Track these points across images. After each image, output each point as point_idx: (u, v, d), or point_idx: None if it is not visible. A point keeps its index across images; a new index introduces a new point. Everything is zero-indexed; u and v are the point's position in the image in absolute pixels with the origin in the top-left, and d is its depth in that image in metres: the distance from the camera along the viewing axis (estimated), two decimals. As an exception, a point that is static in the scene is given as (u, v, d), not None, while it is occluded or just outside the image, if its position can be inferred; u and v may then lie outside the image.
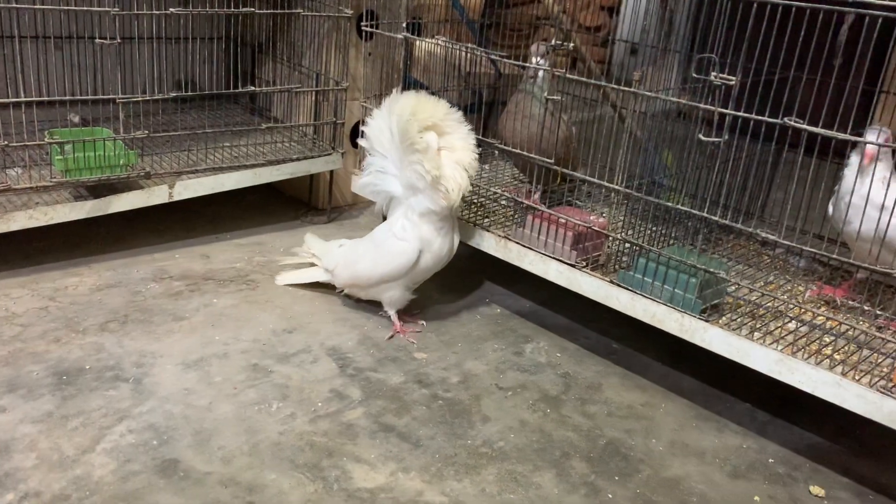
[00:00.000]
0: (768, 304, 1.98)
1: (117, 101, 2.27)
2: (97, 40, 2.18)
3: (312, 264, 2.41)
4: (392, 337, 2.16)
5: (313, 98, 2.80)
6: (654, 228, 2.20)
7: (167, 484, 1.54)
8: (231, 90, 2.61)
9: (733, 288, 2.01)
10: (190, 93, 2.59)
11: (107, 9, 2.18)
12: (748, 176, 2.31)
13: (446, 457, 1.70)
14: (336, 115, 2.77)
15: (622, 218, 2.42)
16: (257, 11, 2.55)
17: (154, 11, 2.29)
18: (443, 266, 2.20)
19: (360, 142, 2.23)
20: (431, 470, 1.66)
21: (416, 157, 2.01)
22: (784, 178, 2.21)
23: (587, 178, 2.18)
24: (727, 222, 1.85)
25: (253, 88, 2.62)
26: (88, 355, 1.93)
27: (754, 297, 2.01)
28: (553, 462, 1.73)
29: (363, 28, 2.63)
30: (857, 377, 1.66)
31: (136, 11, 2.27)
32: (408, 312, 2.26)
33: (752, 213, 2.55)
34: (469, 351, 2.15)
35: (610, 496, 1.64)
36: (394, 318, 2.20)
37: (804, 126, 1.61)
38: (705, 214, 1.88)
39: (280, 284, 2.39)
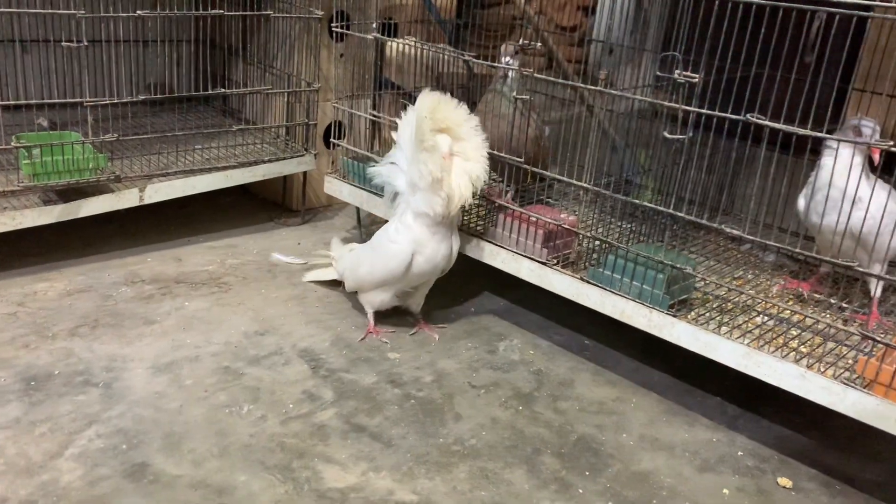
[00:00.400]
0: (737, 299, 2.01)
1: (85, 104, 2.26)
2: (64, 43, 2.17)
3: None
4: (364, 338, 2.17)
5: (285, 99, 2.79)
6: (624, 226, 2.23)
7: (136, 488, 1.53)
8: (202, 92, 2.59)
9: (702, 283, 2.04)
10: (159, 95, 2.57)
11: (73, 11, 2.16)
12: (717, 172, 2.34)
13: (418, 455, 1.71)
14: (308, 117, 2.77)
15: (594, 216, 2.45)
16: (226, 13, 2.54)
17: (121, 14, 2.27)
18: (441, 273, 2.18)
19: (393, 134, 2.21)
20: (403, 469, 1.66)
21: (424, 156, 1.99)
22: (753, 175, 2.23)
23: (556, 176, 2.19)
24: (692, 218, 1.87)
25: (223, 90, 2.61)
26: (58, 360, 1.92)
27: (723, 292, 2.03)
28: (524, 458, 1.74)
29: (334, 29, 2.63)
30: (821, 369, 1.69)
31: (102, 14, 2.25)
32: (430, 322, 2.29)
33: (722, 210, 2.58)
34: (442, 350, 2.16)
35: (580, 491, 1.65)
36: (369, 317, 2.20)
37: (766, 122, 1.63)
38: (671, 211, 1.90)
39: (305, 281, 2.46)
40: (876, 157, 1.78)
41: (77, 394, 1.80)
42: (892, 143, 1.56)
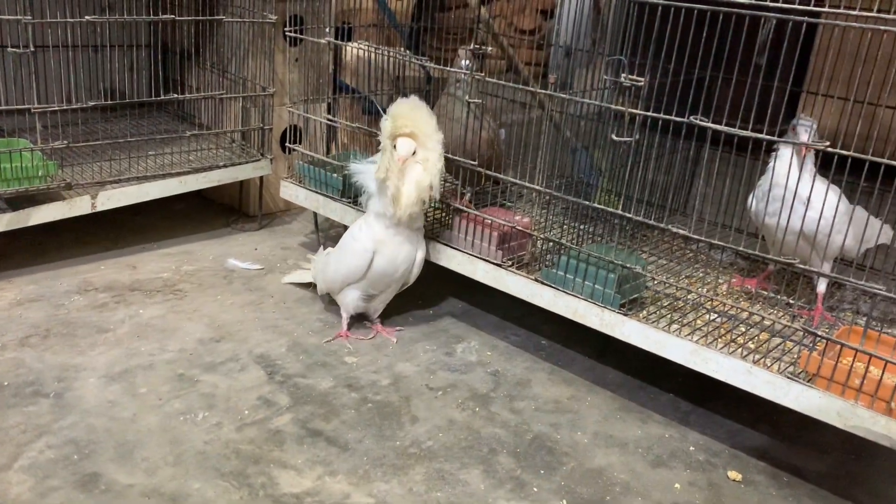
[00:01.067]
0: (687, 297, 2.05)
1: (33, 110, 2.23)
2: (10, 49, 2.14)
3: None
4: (333, 340, 2.17)
5: (241, 104, 2.78)
6: (579, 227, 2.26)
7: (87, 498, 1.51)
8: (155, 98, 2.57)
9: (654, 282, 2.08)
10: (111, 101, 2.54)
11: (19, 17, 2.13)
12: (672, 174, 2.38)
13: (374, 458, 1.71)
14: (264, 121, 2.76)
15: (551, 217, 2.48)
16: (177, 18, 2.53)
17: (69, 19, 2.25)
18: (405, 278, 2.19)
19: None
20: (359, 472, 1.67)
21: (379, 156, 2.05)
22: (710, 176, 2.28)
23: (508, 178, 2.22)
24: (640, 219, 1.91)
25: (176, 96, 2.59)
26: (7, 371, 1.89)
27: (674, 291, 2.07)
28: (481, 459, 1.75)
29: (287, 34, 2.62)
30: (767, 364, 1.74)
31: (49, 20, 2.22)
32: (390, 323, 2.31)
33: (677, 210, 2.64)
34: (400, 353, 2.17)
35: (535, 490, 1.67)
36: (343, 321, 2.21)
37: (708, 124, 1.68)
38: (619, 212, 1.94)
39: (283, 282, 2.50)
40: (804, 156, 1.83)
41: (27, 405, 1.77)
42: (827, 143, 1.60)
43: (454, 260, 2.20)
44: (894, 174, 1.58)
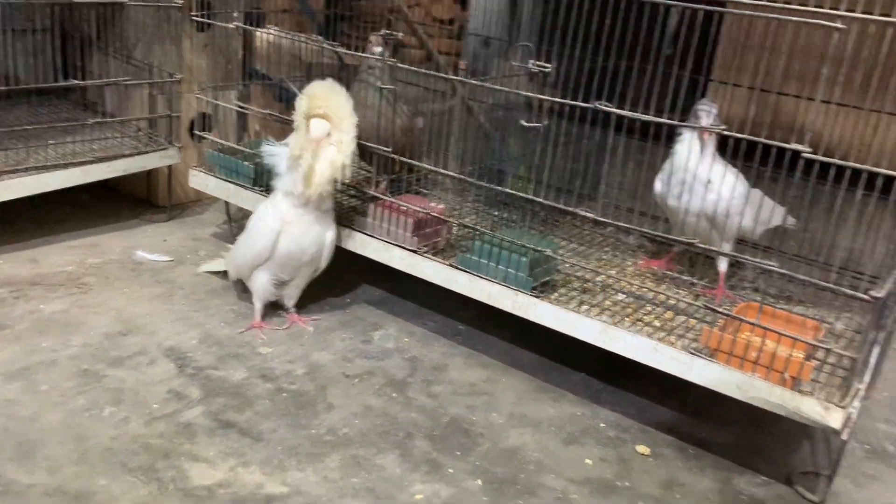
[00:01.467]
0: (597, 279, 2.10)
1: (-82, 97, 2.10)
2: None
3: None
4: (246, 330, 2.13)
5: (147, 91, 2.69)
6: (494, 213, 2.29)
7: (-17, 501, 1.45)
8: (55, 84, 2.45)
9: (566, 266, 2.12)
10: (5, 87, 2.42)
11: None
12: (584, 160, 2.43)
13: (289, 448, 1.70)
14: (171, 109, 2.68)
15: (468, 204, 2.50)
16: (75, 1, 2.42)
17: (-44, 0, 2.13)
18: (316, 263, 2.16)
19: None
20: (273, 462, 1.65)
21: (292, 135, 2.05)
22: (613, 160, 2.34)
23: (424, 165, 2.23)
24: (551, 203, 1.95)
25: (77, 82, 2.48)
26: None
27: (586, 274, 2.12)
28: (396, 443, 1.76)
29: (194, 18, 2.55)
30: (672, 341, 1.80)
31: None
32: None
33: (586, 195, 2.70)
34: (316, 342, 2.15)
35: (451, 471, 1.69)
36: (256, 310, 2.17)
37: (612, 109, 1.72)
38: (531, 196, 1.97)
39: (198, 272, 2.44)
40: (706, 139, 1.90)
41: (-84, 407, 1.68)
42: (724, 127, 1.67)
43: (369, 247, 2.19)
44: (796, 160, 1.65)
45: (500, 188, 2.04)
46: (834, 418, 1.54)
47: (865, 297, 1.49)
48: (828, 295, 2.11)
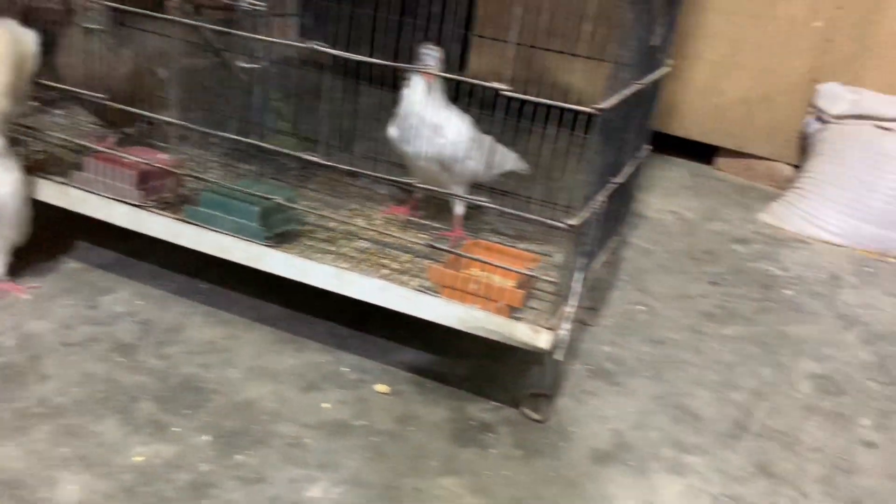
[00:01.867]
0: (343, 228, 2.10)
1: None
2: None
3: None
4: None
5: None
6: (243, 167, 2.19)
7: None
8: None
9: (314, 217, 2.09)
10: None
11: None
12: (338, 115, 2.40)
13: (-11, 424, 1.54)
14: None
15: (215, 159, 2.39)
16: None
17: None
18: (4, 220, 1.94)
19: None
20: (-33, 441, 1.48)
21: None
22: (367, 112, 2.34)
23: (149, 114, 2.09)
24: (288, 151, 1.91)
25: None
26: None
27: (332, 224, 2.11)
28: (118, 408, 1.65)
29: None
30: (406, 281, 1.84)
31: None
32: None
33: (340, 147, 2.68)
34: (32, 311, 1.96)
35: (177, 430, 1.62)
36: None
37: (329, 50, 1.70)
38: (268, 146, 1.92)
39: None
40: (430, 82, 1.95)
41: None
42: (442, 69, 1.71)
43: (87, 204, 2.02)
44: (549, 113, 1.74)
45: (232, 136, 1.95)
46: (543, 339, 1.65)
47: (562, 225, 1.61)
48: (557, 232, 2.26)
